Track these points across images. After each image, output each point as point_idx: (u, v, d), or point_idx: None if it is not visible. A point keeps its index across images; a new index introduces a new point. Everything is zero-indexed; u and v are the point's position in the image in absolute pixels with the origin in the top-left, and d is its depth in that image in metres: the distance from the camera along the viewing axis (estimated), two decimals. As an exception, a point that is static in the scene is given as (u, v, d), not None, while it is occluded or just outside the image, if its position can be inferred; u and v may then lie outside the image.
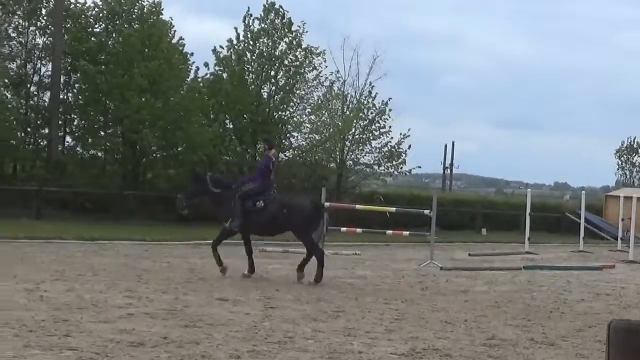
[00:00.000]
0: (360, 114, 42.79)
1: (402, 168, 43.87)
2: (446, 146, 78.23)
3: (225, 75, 41.66)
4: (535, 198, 45.57)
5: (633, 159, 63.36)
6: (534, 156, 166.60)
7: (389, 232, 26.99)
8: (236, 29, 42.01)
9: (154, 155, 39.27)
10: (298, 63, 42.33)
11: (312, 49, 42.53)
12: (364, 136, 43.12)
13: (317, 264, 17.32)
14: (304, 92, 43.10)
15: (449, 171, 77.75)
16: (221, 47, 41.84)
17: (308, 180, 42.72)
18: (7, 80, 37.50)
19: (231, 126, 42.26)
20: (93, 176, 38.29)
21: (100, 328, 10.19)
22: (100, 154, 40.31)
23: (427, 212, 24.58)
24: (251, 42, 41.98)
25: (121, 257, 20.92)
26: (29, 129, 39.26)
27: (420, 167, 48.15)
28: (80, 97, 39.32)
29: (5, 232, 25.40)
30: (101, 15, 39.30)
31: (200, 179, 18.54)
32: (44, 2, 39.22)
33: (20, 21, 38.99)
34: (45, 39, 39.45)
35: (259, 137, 41.01)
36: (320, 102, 43.12)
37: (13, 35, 38.88)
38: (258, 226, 17.75)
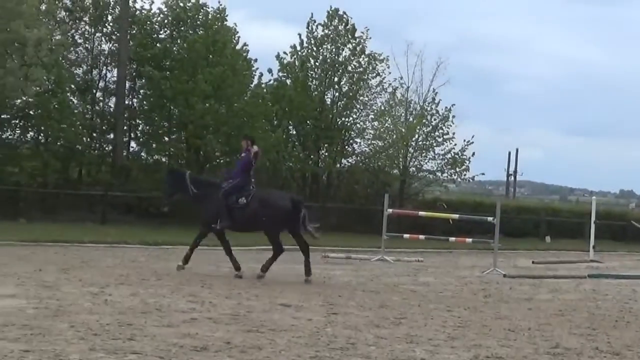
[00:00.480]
0: (423, 120, 42.64)
1: (465, 175, 43.70)
2: (510, 153, 77.90)
3: (288, 81, 41.83)
4: (600, 206, 45.05)
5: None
6: (599, 164, 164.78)
7: (452, 238, 26.95)
8: (299, 34, 42.30)
9: (218, 160, 39.42)
10: (361, 69, 42.38)
11: (376, 55, 42.60)
12: (427, 142, 42.98)
13: (272, 256, 17.79)
14: (366, 98, 43.14)
15: (512, 178, 77.35)
16: (284, 52, 42.09)
17: (371, 186, 42.80)
18: (73, 86, 38.01)
19: (294, 132, 42.41)
20: (157, 181, 38.50)
21: (164, 332, 10.25)
22: (164, 159, 40.60)
23: (490, 219, 24.44)
24: (314, 48, 42.13)
25: (184, 262, 21.04)
26: (95, 134, 39.77)
27: (483, 174, 48.12)
28: (144, 103, 39.78)
29: (71, 236, 25.74)
30: (166, 21, 39.71)
31: (177, 176, 18.81)
32: (110, 8, 39.72)
33: (87, 27, 39.58)
34: (110, 45, 39.97)
35: (322, 142, 41.15)
36: (383, 108, 43.07)
37: (79, 41, 39.47)
38: (240, 222, 17.89)
